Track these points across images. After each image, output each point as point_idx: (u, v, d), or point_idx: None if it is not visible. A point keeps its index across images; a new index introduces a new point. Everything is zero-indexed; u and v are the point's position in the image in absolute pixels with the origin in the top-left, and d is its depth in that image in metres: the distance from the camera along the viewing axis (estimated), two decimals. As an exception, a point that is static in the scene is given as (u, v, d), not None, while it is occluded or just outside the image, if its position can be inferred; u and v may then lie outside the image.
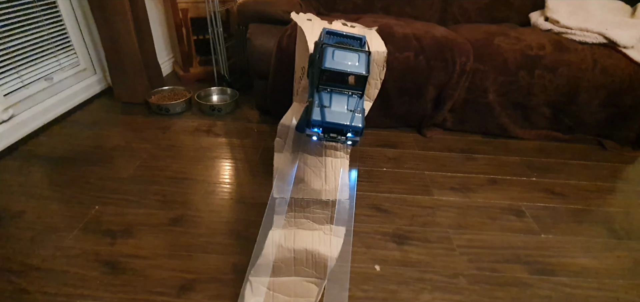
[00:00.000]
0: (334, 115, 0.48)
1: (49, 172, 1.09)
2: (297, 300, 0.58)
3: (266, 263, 0.56)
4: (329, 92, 0.49)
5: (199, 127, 1.41)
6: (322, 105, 0.48)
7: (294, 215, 0.56)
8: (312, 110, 0.48)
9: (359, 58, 0.48)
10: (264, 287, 0.57)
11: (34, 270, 0.76)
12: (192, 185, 1.06)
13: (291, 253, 0.56)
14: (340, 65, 0.47)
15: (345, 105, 0.49)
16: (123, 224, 0.89)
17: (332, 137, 0.49)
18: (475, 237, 0.92)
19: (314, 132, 0.49)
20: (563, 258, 0.87)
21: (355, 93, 0.49)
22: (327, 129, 0.48)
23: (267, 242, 0.56)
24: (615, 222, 1.01)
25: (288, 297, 0.58)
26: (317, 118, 0.47)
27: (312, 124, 0.48)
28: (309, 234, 0.55)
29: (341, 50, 0.48)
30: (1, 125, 1.18)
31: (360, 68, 0.47)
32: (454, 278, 0.80)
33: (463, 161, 1.27)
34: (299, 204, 0.56)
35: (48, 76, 1.37)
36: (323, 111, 0.48)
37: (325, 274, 0.58)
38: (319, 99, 0.48)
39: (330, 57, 0.47)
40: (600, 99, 1.33)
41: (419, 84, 1.30)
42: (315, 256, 0.56)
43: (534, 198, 1.09)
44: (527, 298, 0.76)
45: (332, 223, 0.57)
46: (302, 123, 0.54)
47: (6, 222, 0.89)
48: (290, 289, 0.58)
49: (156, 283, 0.74)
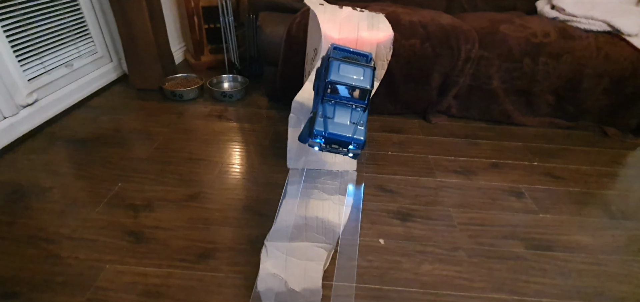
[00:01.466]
0: (337, 127, 0.48)
1: (73, 152, 1.16)
2: (308, 263, 0.63)
3: (280, 229, 0.62)
4: (333, 104, 0.49)
5: (211, 112, 1.47)
6: (326, 116, 0.48)
7: (306, 185, 0.61)
8: (315, 121, 0.48)
9: (364, 72, 0.48)
10: (278, 250, 0.63)
11: (65, 238, 0.83)
12: (207, 165, 1.12)
13: (303, 220, 0.61)
14: (345, 79, 0.47)
15: (349, 118, 0.49)
16: (144, 200, 0.96)
17: (334, 148, 0.49)
18: (475, 215, 0.97)
19: (316, 142, 0.49)
20: (559, 236, 0.92)
21: (358, 106, 0.49)
22: (329, 140, 0.48)
23: (282, 210, 0.62)
24: (612, 204, 1.05)
25: (300, 260, 0.63)
26: (320, 129, 0.47)
27: (315, 135, 0.48)
28: (319, 203, 0.61)
29: (347, 64, 0.48)
30: (26, 109, 1.24)
31: (364, 82, 0.48)
32: (454, 251, 0.85)
33: (466, 146, 1.31)
34: (311, 175, 0.61)
35: (68, 63, 1.44)
36: (326, 122, 0.48)
37: (334, 239, 0.63)
38: (322, 110, 0.49)
39: (336, 70, 0.47)
40: (603, 86, 1.35)
41: (425, 70, 1.34)
42: (325, 223, 0.61)
43: (534, 181, 1.13)
44: (523, 270, 0.81)
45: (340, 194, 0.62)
46: (305, 133, 0.53)
47: (37, 196, 0.96)
48: (302, 253, 0.63)
49: (177, 251, 0.81)
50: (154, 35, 1.55)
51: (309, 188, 0.61)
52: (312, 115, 0.50)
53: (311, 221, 0.61)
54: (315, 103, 0.52)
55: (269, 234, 0.64)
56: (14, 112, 1.19)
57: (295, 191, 0.61)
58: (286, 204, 0.61)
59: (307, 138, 0.51)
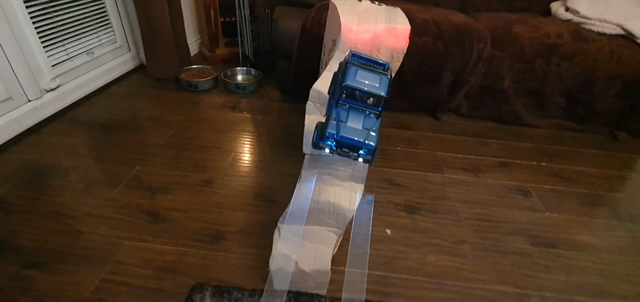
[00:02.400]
0: (349, 131, 0.48)
1: (93, 136, 1.20)
2: (318, 246, 0.66)
3: (294, 212, 0.65)
4: (347, 108, 0.49)
5: (225, 103, 1.51)
6: (339, 120, 0.49)
7: (320, 171, 0.64)
8: (328, 124, 0.49)
9: (380, 80, 0.49)
10: (290, 232, 0.66)
11: (87, 215, 0.88)
12: (221, 153, 1.16)
13: (316, 204, 0.64)
14: (361, 85, 0.47)
15: (362, 124, 0.49)
16: (161, 183, 1.00)
17: (345, 152, 0.49)
18: (481, 211, 0.99)
19: (327, 144, 0.49)
20: (564, 234, 0.93)
21: (372, 113, 0.50)
22: (341, 144, 0.48)
23: (295, 194, 0.65)
24: (619, 206, 1.06)
25: (311, 243, 0.66)
26: (332, 131, 0.48)
27: (327, 137, 0.48)
28: (332, 189, 0.63)
29: (364, 70, 0.48)
30: (49, 93, 1.30)
31: (380, 89, 0.48)
32: (459, 244, 0.87)
33: (475, 144, 1.33)
34: (325, 161, 0.63)
35: (89, 51, 1.49)
36: (338, 126, 0.48)
37: (344, 224, 0.66)
38: (336, 114, 0.49)
39: (353, 76, 0.48)
40: (615, 89, 1.35)
41: (436, 68, 1.36)
42: (336, 208, 0.64)
43: (541, 181, 1.14)
44: (526, 265, 0.83)
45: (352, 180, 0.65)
46: (317, 138, 0.53)
47: (59, 176, 1.00)
48: (313, 236, 0.66)
49: (192, 232, 0.85)
50: (172, 27, 1.59)
51: (323, 174, 0.64)
52: (326, 118, 0.51)
53: (323, 205, 0.64)
54: (330, 107, 0.53)
55: (282, 217, 0.67)
56: (38, 95, 1.25)
57: (309, 176, 0.64)
58: (300, 188, 0.64)
59: (318, 142, 0.51)
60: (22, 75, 1.18)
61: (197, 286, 0.70)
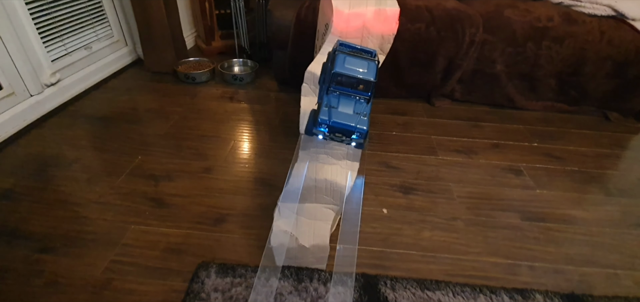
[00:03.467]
0: (341, 116, 0.50)
1: (95, 128, 1.23)
2: (316, 222, 0.70)
3: (292, 190, 0.68)
4: (338, 95, 0.51)
5: (223, 94, 1.53)
6: (330, 106, 0.50)
7: (316, 150, 0.66)
8: (320, 110, 0.50)
9: (368, 66, 0.50)
10: (289, 210, 0.69)
11: (93, 203, 0.91)
12: (220, 142, 1.18)
13: (313, 182, 0.67)
14: (350, 71, 0.49)
15: (353, 109, 0.51)
16: (163, 171, 1.03)
17: (337, 137, 0.51)
18: (474, 190, 1.02)
19: (320, 131, 0.51)
20: (555, 209, 0.97)
21: (362, 98, 0.52)
22: (333, 129, 0.50)
23: (293, 173, 0.67)
24: (609, 182, 1.09)
25: (309, 219, 0.69)
26: (325, 117, 0.50)
27: (319, 123, 0.50)
28: (328, 168, 0.66)
29: (352, 57, 0.50)
30: (50, 88, 1.32)
31: (368, 75, 0.50)
32: (453, 221, 0.91)
33: (469, 128, 1.36)
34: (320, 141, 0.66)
35: (87, 45, 1.51)
36: (330, 112, 0.50)
37: (341, 201, 0.69)
38: (327, 100, 0.50)
39: (342, 63, 0.49)
40: (606, 70, 1.38)
41: (430, 54, 1.38)
42: (333, 185, 0.67)
43: (533, 160, 1.17)
44: (517, 239, 0.86)
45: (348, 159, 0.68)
46: (310, 125, 0.55)
47: (64, 167, 1.03)
48: (311, 213, 0.69)
49: (195, 215, 0.88)
50: (168, 21, 1.61)
51: (319, 153, 0.66)
52: (317, 105, 0.52)
53: (320, 183, 0.67)
54: (321, 95, 0.55)
55: (281, 195, 0.70)
56: (39, 90, 1.27)
57: (306, 155, 0.66)
58: (297, 167, 0.67)
59: (312, 129, 0.53)
60: (23, 71, 1.20)
61: (203, 264, 0.73)
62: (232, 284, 0.69)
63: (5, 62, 1.14)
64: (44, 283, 0.70)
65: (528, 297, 0.70)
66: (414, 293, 0.69)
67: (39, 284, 0.70)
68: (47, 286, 0.69)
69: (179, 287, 0.70)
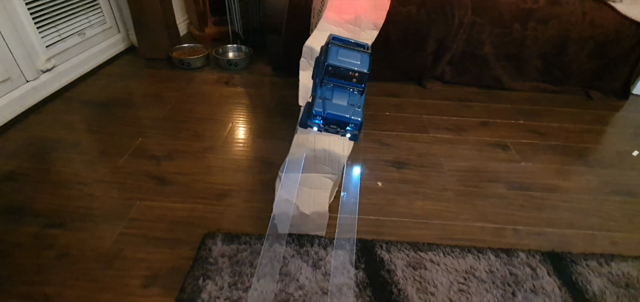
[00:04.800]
0: (335, 108, 0.50)
1: (94, 113, 1.24)
2: (316, 191, 0.74)
3: (293, 161, 0.72)
4: (331, 87, 0.51)
5: (218, 79, 1.55)
6: (324, 98, 0.50)
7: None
8: (314, 103, 0.50)
9: (361, 58, 0.51)
10: (290, 180, 0.73)
11: (97, 182, 0.93)
12: (219, 124, 1.21)
13: (312, 153, 0.71)
14: (343, 63, 0.49)
15: (346, 100, 0.50)
16: (164, 152, 1.06)
17: (333, 129, 0.51)
18: (464, 164, 1.08)
19: (314, 123, 0.51)
20: (538, 180, 1.03)
21: (356, 90, 0.52)
22: (328, 121, 0.50)
23: (293, 144, 0.71)
24: (589, 155, 1.16)
25: (309, 188, 0.74)
26: (319, 109, 0.50)
27: (314, 115, 0.50)
28: (326, 137, 0.70)
29: (345, 49, 0.50)
30: (46, 74, 1.32)
31: (362, 66, 0.50)
32: (443, 191, 0.96)
33: (459, 107, 1.41)
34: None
35: (80, 32, 1.51)
36: (324, 103, 0.50)
37: (339, 170, 0.73)
38: (321, 93, 0.51)
39: (335, 55, 0.50)
40: (588, 50, 1.44)
41: (421, 36, 1.42)
42: (331, 155, 0.71)
43: (519, 136, 1.23)
44: (503, 206, 0.92)
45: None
46: (304, 117, 0.54)
47: (66, 149, 1.05)
48: (311, 182, 0.73)
49: (199, 191, 0.91)
50: (161, 6, 1.61)
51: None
52: (311, 98, 0.52)
53: (319, 153, 0.70)
54: (314, 89, 0.55)
55: (282, 166, 0.74)
56: (35, 76, 1.27)
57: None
58: (297, 138, 0.71)
59: (306, 121, 0.52)
60: (18, 56, 1.20)
61: (209, 234, 0.77)
62: (237, 250, 0.73)
63: (0, 47, 1.14)
64: (56, 255, 0.73)
65: (512, 255, 0.76)
66: (407, 254, 0.75)
67: (50, 255, 0.73)
68: (59, 258, 0.73)
69: (187, 255, 0.74)
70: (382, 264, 0.73)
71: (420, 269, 0.72)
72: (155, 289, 0.67)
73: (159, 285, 0.68)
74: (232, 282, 0.67)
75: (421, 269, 0.72)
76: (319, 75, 0.53)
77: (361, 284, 0.69)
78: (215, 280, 0.67)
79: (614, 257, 0.78)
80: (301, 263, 0.71)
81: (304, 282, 0.68)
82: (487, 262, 0.74)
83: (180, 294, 0.65)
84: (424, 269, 0.72)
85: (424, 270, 0.72)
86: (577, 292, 0.70)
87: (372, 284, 0.69)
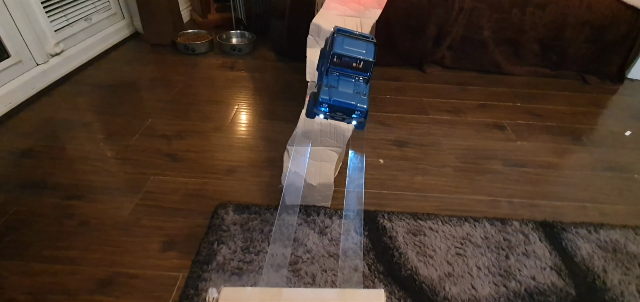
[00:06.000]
0: (341, 95, 0.50)
1: (103, 95, 1.28)
2: (322, 163, 0.78)
3: (299, 134, 0.76)
4: (337, 76, 0.52)
5: (223, 64, 1.58)
6: (330, 86, 0.50)
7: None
8: (320, 91, 0.50)
9: (367, 46, 0.52)
10: (298, 153, 0.77)
11: (112, 159, 0.97)
12: (225, 106, 1.25)
13: (318, 126, 0.75)
14: (349, 52, 0.50)
15: (352, 88, 0.51)
16: (174, 131, 1.10)
17: (339, 116, 0.51)
18: (462, 143, 1.12)
19: (321, 110, 0.51)
20: (533, 157, 1.07)
21: (362, 78, 0.52)
22: (334, 108, 0.51)
23: (300, 118, 0.75)
24: (583, 135, 1.20)
25: (316, 161, 0.78)
26: (325, 97, 0.50)
27: (320, 103, 0.50)
28: (331, 112, 0.74)
29: (351, 38, 0.51)
30: (55, 58, 1.35)
31: (367, 55, 0.51)
32: (442, 168, 1.00)
33: (458, 91, 1.45)
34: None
35: (87, 17, 1.53)
36: (331, 91, 0.50)
37: (344, 143, 0.77)
38: (327, 81, 0.51)
39: (341, 44, 0.50)
40: (585, 35, 1.48)
41: (421, 21, 1.45)
42: (337, 128, 0.75)
43: (516, 117, 1.27)
44: (498, 181, 0.97)
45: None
46: (310, 106, 0.55)
47: (79, 129, 1.09)
48: (317, 155, 0.78)
49: (209, 167, 0.96)
50: (166, -8, 1.64)
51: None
52: (317, 87, 0.52)
53: (325, 126, 0.75)
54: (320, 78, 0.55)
55: (290, 140, 0.78)
56: (45, 60, 1.31)
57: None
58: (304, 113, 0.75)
59: (312, 110, 0.53)
60: (29, 40, 1.24)
61: (221, 205, 0.82)
62: (248, 219, 0.78)
63: (12, 31, 1.18)
64: (77, 223, 0.78)
65: (506, 224, 0.81)
66: (408, 223, 0.79)
67: (72, 224, 0.77)
68: (79, 226, 0.77)
69: (201, 223, 0.78)
70: (384, 231, 0.77)
71: (420, 236, 0.76)
72: (173, 253, 0.71)
73: (176, 249, 0.72)
74: (245, 246, 0.72)
75: (421, 235, 0.77)
76: (324, 65, 0.54)
77: (365, 249, 0.73)
78: (228, 244, 0.72)
79: (603, 226, 0.83)
80: (308, 230, 0.76)
81: (312, 246, 0.73)
82: (483, 229, 0.79)
83: (197, 256, 0.70)
84: (424, 236, 0.77)
85: (424, 236, 0.76)
86: (567, 256, 0.74)
87: (375, 249, 0.73)
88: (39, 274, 0.67)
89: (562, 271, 0.71)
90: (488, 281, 0.68)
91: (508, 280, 0.69)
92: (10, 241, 0.73)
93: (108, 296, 0.64)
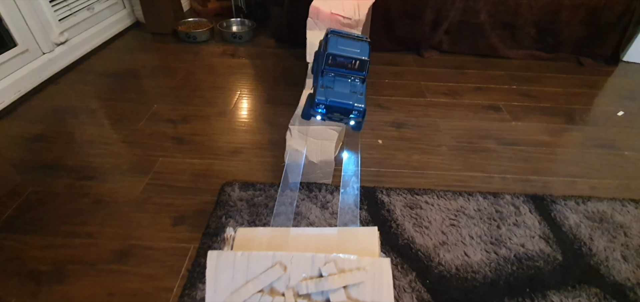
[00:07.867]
0: (338, 96, 0.50)
1: (108, 83, 1.31)
2: (323, 142, 0.82)
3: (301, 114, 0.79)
4: (333, 76, 0.51)
5: (224, 51, 1.61)
6: (326, 86, 0.50)
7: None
8: (316, 92, 0.50)
9: (361, 46, 0.51)
10: (299, 132, 0.81)
11: (120, 142, 1.01)
12: (228, 92, 1.28)
13: (319, 107, 0.79)
14: (344, 51, 0.50)
15: (348, 88, 0.51)
16: (179, 116, 1.13)
17: (336, 117, 0.52)
18: (458, 124, 1.16)
19: (317, 112, 0.51)
20: (526, 136, 1.11)
21: (358, 78, 0.52)
22: (331, 109, 0.51)
23: (302, 98, 0.79)
24: (576, 115, 1.24)
25: (316, 139, 0.82)
26: (322, 98, 0.50)
27: (317, 104, 0.50)
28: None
29: (345, 39, 0.51)
30: (60, 47, 1.38)
31: (362, 54, 0.51)
32: (438, 147, 1.04)
33: (455, 74, 1.48)
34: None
35: (90, 6, 1.56)
36: (327, 92, 0.50)
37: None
38: (323, 82, 0.51)
39: (335, 44, 0.50)
40: (580, 17, 1.50)
41: (419, 6, 1.48)
42: (336, 108, 0.79)
43: (511, 99, 1.31)
44: (492, 158, 1.01)
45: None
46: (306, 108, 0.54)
47: (87, 115, 1.13)
48: (317, 133, 0.82)
49: (214, 149, 0.99)
50: (166, -20, 1.66)
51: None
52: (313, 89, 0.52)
53: (325, 106, 0.78)
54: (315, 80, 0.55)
55: (292, 119, 0.82)
56: (50, 49, 1.33)
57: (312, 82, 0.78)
58: (305, 92, 0.79)
59: (309, 112, 0.53)
60: (35, 29, 1.26)
61: (227, 183, 0.86)
62: (253, 195, 0.82)
63: (18, 20, 1.20)
64: (91, 201, 0.82)
65: (499, 197, 0.85)
66: (405, 197, 0.84)
67: (86, 202, 0.82)
68: (94, 203, 0.81)
69: (209, 200, 0.82)
70: (383, 205, 0.82)
71: (416, 209, 0.81)
72: (183, 227, 0.76)
73: (186, 223, 0.77)
74: (251, 220, 0.76)
75: (417, 208, 0.81)
76: (319, 66, 0.54)
77: (364, 221, 0.78)
78: (236, 218, 0.76)
79: (591, 198, 0.87)
80: (311, 205, 0.80)
81: (314, 220, 0.77)
82: (476, 202, 0.83)
83: (206, 229, 0.74)
84: (420, 209, 0.81)
85: (420, 209, 0.81)
86: (555, 226, 0.79)
87: (374, 221, 0.78)
88: (58, 247, 0.71)
89: (550, 238, 0.76)
90: (480, 248, 0.73)
91: (499, 247, 0.73)
92: (30, 217, 0.77)
93: (125, 265, 0.68)
